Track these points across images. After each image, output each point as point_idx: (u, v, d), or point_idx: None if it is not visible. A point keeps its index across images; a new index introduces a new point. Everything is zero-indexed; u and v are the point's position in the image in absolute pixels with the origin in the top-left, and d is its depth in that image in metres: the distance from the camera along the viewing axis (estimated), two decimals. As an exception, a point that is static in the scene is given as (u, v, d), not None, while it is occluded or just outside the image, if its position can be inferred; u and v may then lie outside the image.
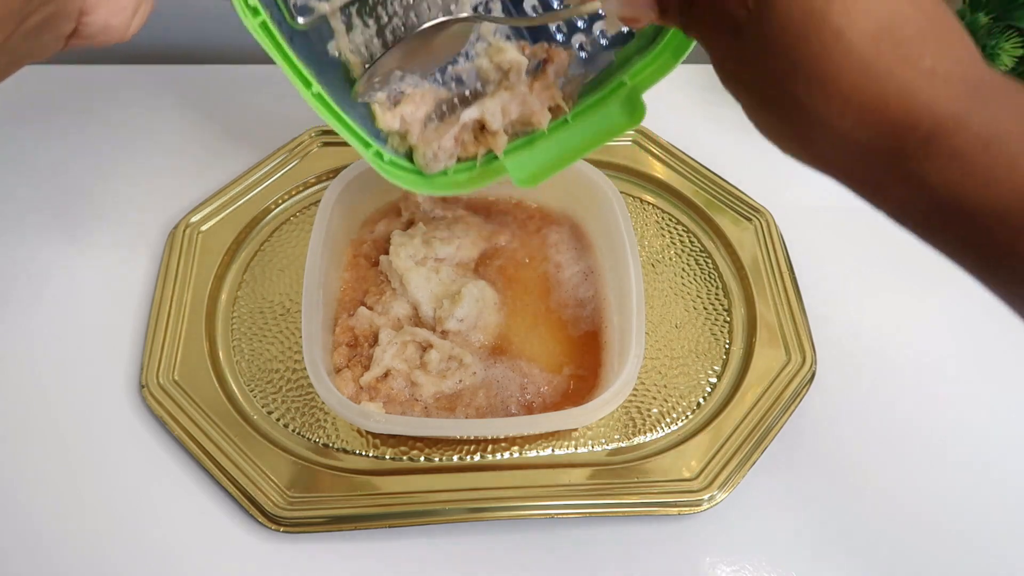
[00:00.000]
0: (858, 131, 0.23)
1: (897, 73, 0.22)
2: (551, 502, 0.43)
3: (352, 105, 0.39)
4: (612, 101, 0.42)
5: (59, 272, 0.52)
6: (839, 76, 0.23)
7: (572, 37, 0.41)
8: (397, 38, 0.37)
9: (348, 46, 0.37)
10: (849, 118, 0.23)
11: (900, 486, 0.46)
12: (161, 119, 0.60)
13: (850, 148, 0.24)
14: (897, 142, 0.22)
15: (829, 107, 0.23)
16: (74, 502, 0.43)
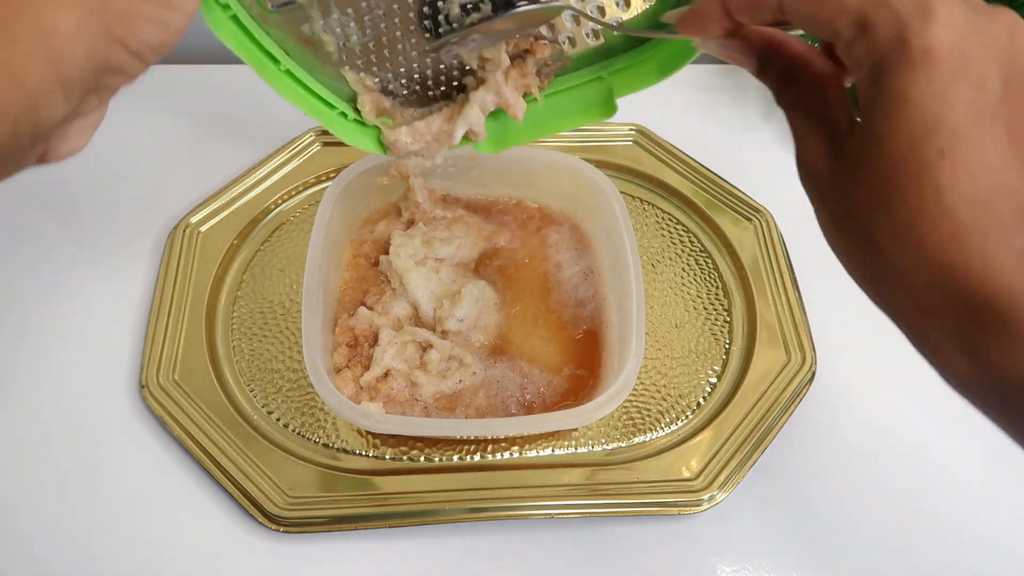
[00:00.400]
0: (931, 292, 0.22)
1: (986, 246, 0.21)
2: (551, 502, 0.43)
3: (321, 72, 0.39)
4: (586, 91, 0.42)
5: (59, 272, 0.52)
6: (927, 233, 0.22)
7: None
8: (375, 23, 0.37)
9: (322, 28, 0.37)
10: (925, 277, 0.22)
11: (900, 486, 0.46)
12: (161, 119, 0.60)
13: (918, 304, 0.23)
14: (968, 314, 0.22)
15: (907, 259, 0.23)
16: (74, 502, 0.43)
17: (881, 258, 0.23)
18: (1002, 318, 0.21)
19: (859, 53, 0.23)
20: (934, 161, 0.21)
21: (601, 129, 0.59)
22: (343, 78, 0.40)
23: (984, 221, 0.21)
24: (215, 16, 0.34)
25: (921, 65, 0.21)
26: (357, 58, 0.39)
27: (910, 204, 0.22)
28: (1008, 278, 0.21)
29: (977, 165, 0.21)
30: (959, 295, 0.22)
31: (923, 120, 0.21)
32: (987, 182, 0.21)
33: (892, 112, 0.22)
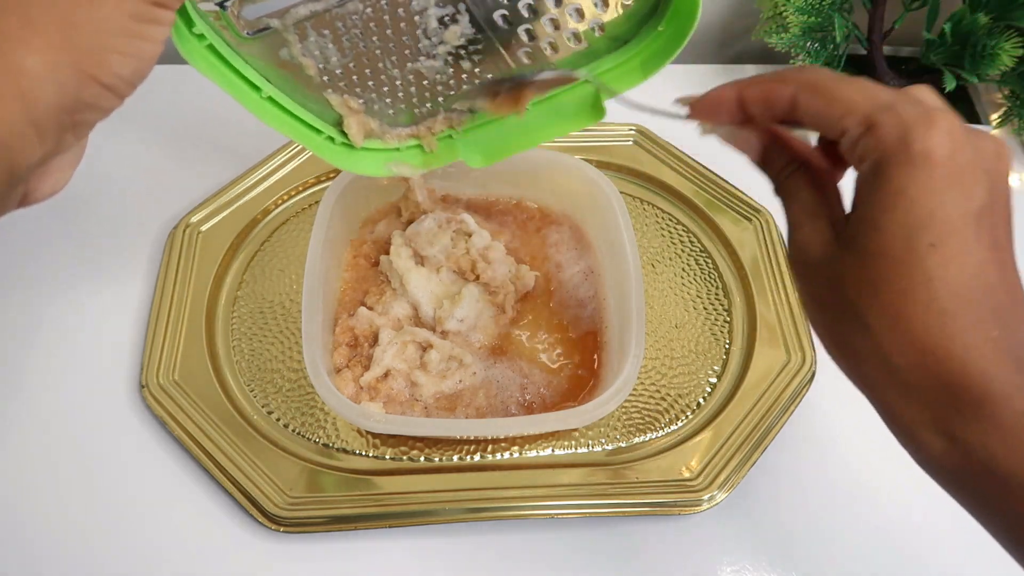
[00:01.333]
0: (913, 373, 0.24)
1: (967, 333, 0.24)
2: (551, 502, 0.43)
3: (303, 97, 0.39)
4: (573, 95, 0.41)
5: (59, 272, 0.52)
6: (914, 315, 0.24)
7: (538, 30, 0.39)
8: (354, 44, 0.37)
9: (301, 52, 0.36)
10: (908, 356, 0.24)
11: (900, 486, 0.46)
12: (161, 119, 0.60)
13: (899, 383, 0.25)
14: (947, 395, 0.24)
15: (893, 340, 0.24)
16: (74, 502, 0.43)
17: (867, 335, 0.25)
18: (978, 400, 0.23)
19: (863, 149, 0.25)
20: (925, 251, 0.24)
21: (601, 129, 0.59)
22: (327, 102, 0.39)
23: (966, 311, 0.24)
24: (190, 47, 0.33)
25: (921, 166, 0.24)
26: (339, 80, 0.38)
27: (901, 286, 0.24)
28: (984, 364, 0.23)
29: (964, 260, 0.24)
30: (939, 376, 0.24)
31: (918, 213, 0.24)
32: (971, 276, 0.24)
33: (891, 204, 0.24)
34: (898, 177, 0.24)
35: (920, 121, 0.24)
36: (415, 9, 0.35)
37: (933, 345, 0.24)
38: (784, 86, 0.27)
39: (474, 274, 0.48)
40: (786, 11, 0.56)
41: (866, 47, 0.61)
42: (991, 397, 0.23)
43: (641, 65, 0.39)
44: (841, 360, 0.28)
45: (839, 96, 0.26)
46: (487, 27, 0.37)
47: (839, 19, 0.56)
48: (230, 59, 0.35)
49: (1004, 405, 0.23)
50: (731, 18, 0.68)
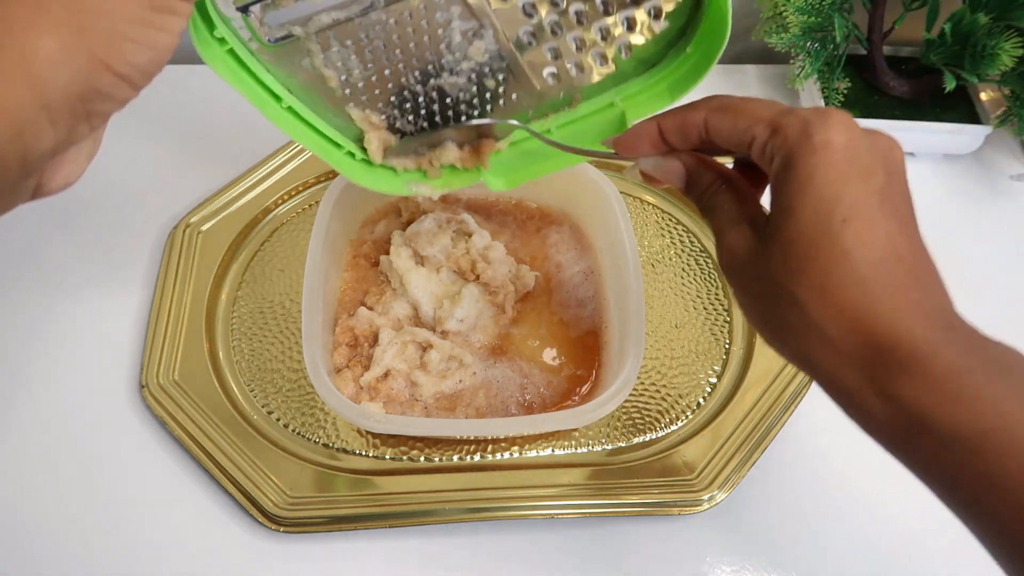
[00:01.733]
0: (846, 339, 0.26)
1: (889, 298, 0.25)
2: (551, 502, 0.43)
3: (324, 110, 0.38)
4: (599, 119, 0.41)
5: (59, 272, 0.52)
6: (840, 288, 0.26)
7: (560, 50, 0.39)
8: (377, 56, 0.36)
9: (323, 63, 0.36)
10: (840, 325, 0.26)
11: (900, 486, 0.46)
12: (161, 119, 0.60)
13: (834, 351, 0.26)
14: (879, 356, 0.25)
15: (823, 311, 0.26)
16: (74, 502, 0.43)
17: (800, 312, 0.27)
18: (908, 357, 0.25)
19: (771, 149, 0.28)
20: (839, 227, 0.26)
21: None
22: (348, 115, 0.39)
23: (884, 277, 0.26)
24: (211, 51, 0.33)
25: (822, 152, 0.26)
26: (361, 94, 0.38)
27: (823, 262, 0.26)
28: (909, 323, 0.25)
29: (874, 231, 0.26)
30: (870, 339, 0.25)
31: (827, 194, 0.26)
32: (883, 246, 0.26)
33: (801, 190, 0.26)
34: (804, 166, 0.26)
35: (818, 117, 0.27)
36: (439, 22, 0.35)
37: (861, 311, 0.26)
38: (696, 112, 0.30)
39: (474, 274, 0.48)
40: (786, 11, 0.56)
41: (866, 47, 0.61)
42: (919, 353, 0.25)
43: (669, 88, 0.38)
44: (780, 343, 0.29)
45: (745, 110, 0.29)
46: (513, 44, 0.37)
47: (839, 19, 0.56)
48: (251, 66, 0.35)
49: (932, 360, 0.25)
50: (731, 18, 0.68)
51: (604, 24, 0.36)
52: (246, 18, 0.33)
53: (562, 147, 0.38)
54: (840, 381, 0.27)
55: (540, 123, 0.42)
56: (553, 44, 0.37)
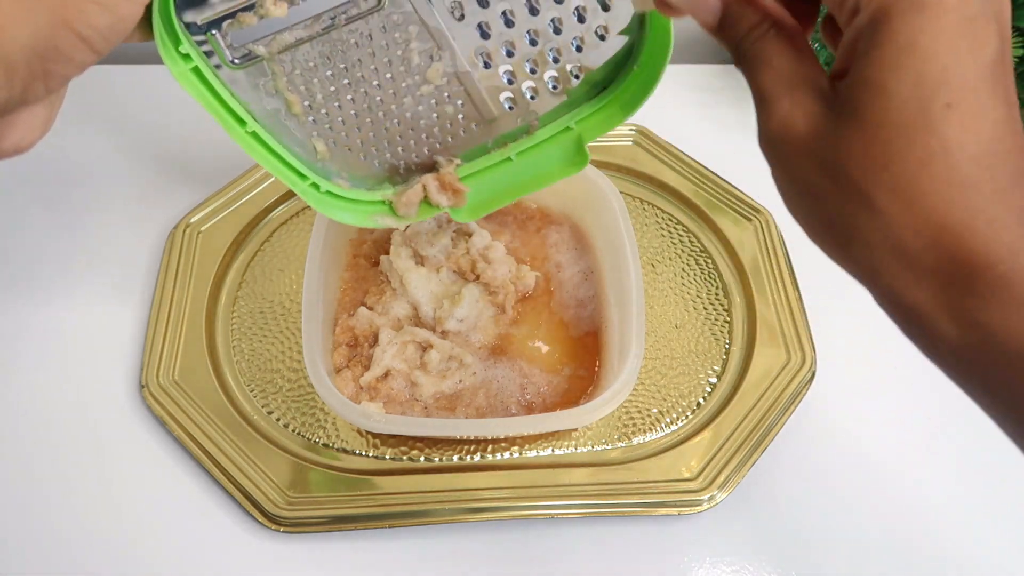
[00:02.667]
0: (927, 254, 0.22)
1: (990, 204, 0.21)
2: (551, 502, 0.43)
3: (289, 138, 0.38)
4: (556, 144, 0.42)
5: (59, 272, 0.52)
6: (932, 191, 0.21)
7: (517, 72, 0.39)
8: (338, 78, 0.36)
9: (287, 86, 0.36)
10: (923, 235, 0.21)
11: (900, 486, 0.46)
12: (161, 119, 0.60)
13: (909, 266, 0.22)
14: (966, 276, 0.21)
15: (907, 216, 0.21)
16: (74, 502, 0.43)
17: (875, 218, 0.22)
18: (1003, 279, 0.21)
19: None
20: (941, 113, 0.21)
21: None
22: (313, 146, 0.39)
23: (986, 179, 0.21)
24: (176, 67, 0.33)
25: (931, 14, 0.20)
26: (325, 123, 0.38)
27: (915, 157, 0.21)
28: (1010, 237, 0.21)
29: (983, 122, 0.21)
30: (957, 256, 0.21)
31: (933, 70, 0.21)
32: (990, 140, 0.21)
33: (900, 61, 0.21)
34: (906, 28, 0.21)
35: None
36: (398, 42, 0.35)
37: (953, 221, 0.21)
38: None
39: (474, 274, 0.48)
40: (786, 11, 0.56)
41: (866, 47, 0.61)
42: (1018, 272, 0.20)
43: (621, 107, 0.40)
44: (839, 251, 0.24)
45: None
46: (469, 65, 0.37)
47: (839, 19, 0.56)
48: (216, 86, 0.34)
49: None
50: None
51: (555, 45, 0.37)
52: (210, 36, 0.33)
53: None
54: (909, 302, 0.23)
55: (500, 152, 0.42)
56: (508, 67, 0.38)
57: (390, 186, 0.43)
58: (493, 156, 0.43)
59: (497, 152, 0.42)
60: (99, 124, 0.60)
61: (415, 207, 0.43)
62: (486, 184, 0.43)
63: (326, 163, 0.40)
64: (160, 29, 0.31)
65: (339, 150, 0.40)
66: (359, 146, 0.40)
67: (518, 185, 0.43)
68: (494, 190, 0.43)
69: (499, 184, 0.43)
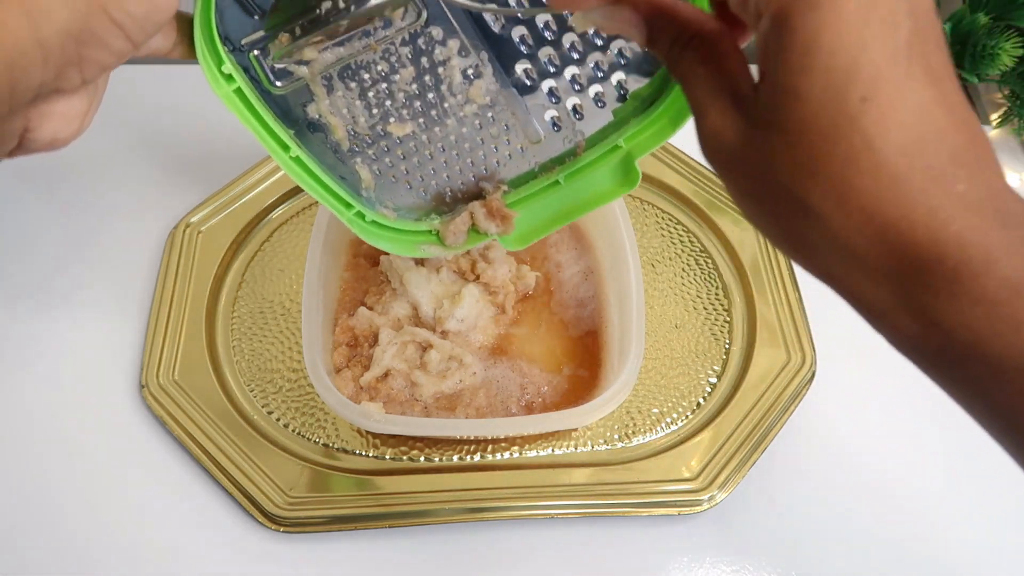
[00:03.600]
0: (873, 251, 0.21)
1: (927, 195, 0.20)
2: (551, 502, 0.43)
3: (333, 165, 0.38)
4: (605, 164, 0.40)
5: (59, 272, 0.52)
6: (863, 188, 0.20)
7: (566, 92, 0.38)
8: (381, 100, 0.36)
9: (329, 109, 0.36)
10: (866, 235, 0.21)
11: (900, 486, 0.46)
12: (161, 119, 0.60)
13: (859, 266, 0.21)
14: (914, 271, 0.20)
15: (845, 218, 0.21)
16: (74, 502, 0.43)
17: (814, 222, 0.21)
18: (953, 272, 0.20)
19: (757, 1, 0.22)
20: (858, 108, 0.20)
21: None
22: (356, 172, 0.39)
23: (920, 168, 0.20)
24: (220, 88, 0.33)
25: (830, 6, 0.20)
26: (368, 148, 0.38)
27: (840, 158, 0.20)
28: (955, 228, 0.20)
29: (903, 108, 0.20)
30: (903, 251, 0.20)
31: (840, 66, 0.20)
32: (916, 126, 0.20)
33: (805, 62, 0.20)
34: (807, 27, 0.20)
35: None
36: (438, 59, 0.35)
37: (892, 216, 0.20)
38: None
39: (474, 274, 0.48)
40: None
41: (866, 47, 0.61)
42: (969, 266, 0.20)
43: (671, 121, 0.38)
44: (793, 252, 0.24)
45: None
46: (512, 84, 0.37)
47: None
48: (259, 109, 0.34)
49: (985, 274, 0.19)
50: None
51: (599, 59, 0.36)
52: (252, 57, 0.33)
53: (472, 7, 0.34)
54: (869, 300, 0.22)
55: (547, 176, 0.41)
56: (551, 83, 0.37)
57: (436, 216, 0.43)
58: (540, 181, 0.42)
59: (544, 176, 0.42)
60: (99, 124, 0.60)
61: (463, 236, 0.42)
62: (535, 210, 0.42)
63: (371, 192, 0.40)
64: (203, 47, 0.31)
65: (384, 179, 0.40)
66: (404, 174, 0.40)
67: (568, 209, 0.42)
68: (544, 215, 0.42)
69: (548, 209, 0.42)
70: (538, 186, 0.42)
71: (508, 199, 0.42)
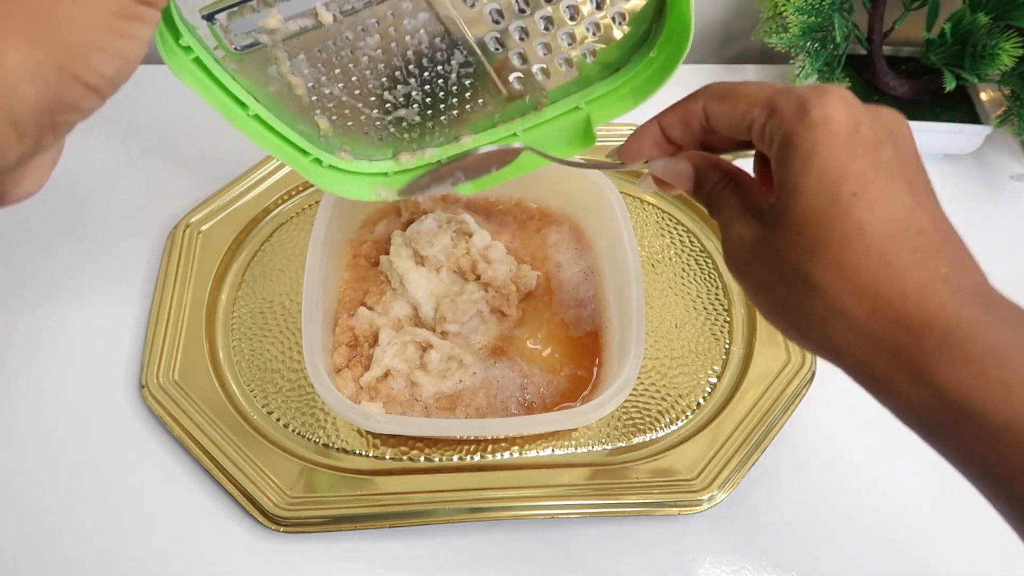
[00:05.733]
0: (872, 320, 0.24)
1: (915, 273, 0.23)
2: (551, 502, 0.43)
3: (292, 117, 0.38)
4: (564, 123, 0.41)
5: (59, 272, 0.52)
6: (858, 264, 0.24)
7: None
8: (344, 62, 0.36)
9: (290, 70, 0.35)
10: (865, 305, 0.24)
11: (899, 485, 0.46)
12: (161, 119, 0.60)
13: (861, 336, 0.24)
14: (911, 337, 0.23)
15: (843, 288, 0.24)
16: (74, 502, 0.43)
17: (819, 295, 0.25)
18: (943, 337, 0.23)
19: (770, 131, 0.27)
20: (849, 200, 0.24)
21: (601, 129, 0.59)
22: (315, 123, 0.38)
23: (907, 252, 0.24)
24: (177, 60, 0.32)
25: (822, 127, 0.25)
26: (328, 101, 0.38)
27: (837, 239, 0.24)
28: (941, 300, 0.23)
29: (887, 204, 0.24)
30: (899, 319, 0.23)
31: (833, 168, 0.25)
32: (899, 219, 0.24)
33: (805, 166, 0.25)
34: (804, 142, 0.25)
35: (815, 93, 0.26)
36: (407, 29, 0.35)
37: (885, 289, 0.24)
38: (694, 102, 0.30)
39: (474, 274, 0.48)
40: (786, 11, 0.56)
41: (866, 47, 0.61)
42: (956, 333, 0.23)
43: (632, 92, 0.39)
44: (799, 332, 0.27)
45: (741, 94, 0.28)
46: (480, 50, 0.37)
47: (839, 19, 0.56)
48: (217, 74, 0.34)
49: (972, 340, 0.22)
50: (731, 18, 0.68)
51: (570, 29, 0.36)
52: (212, 26, 0.33)
53: (571, 163, 0.39)
54: (869, 367, 0.25)
55: (506, 127, 0.42)
56: (520, 49, 0.37)
57: (392, 154, 0.42)
58: (499, 131, 0.42)
59: (504, 127, 0.42)
60: (99, 124, 0.60)
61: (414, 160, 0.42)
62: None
63: (329, 138, 0.40)
64: (161, 24, 0.31)
65: (342, 125, 0.39)
66: (362, 122, 0.40)
67: (522, 161, 0.42)
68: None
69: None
70: (497, 136, 0.42)
71: (467, 146, 0.42)
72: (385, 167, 0.43)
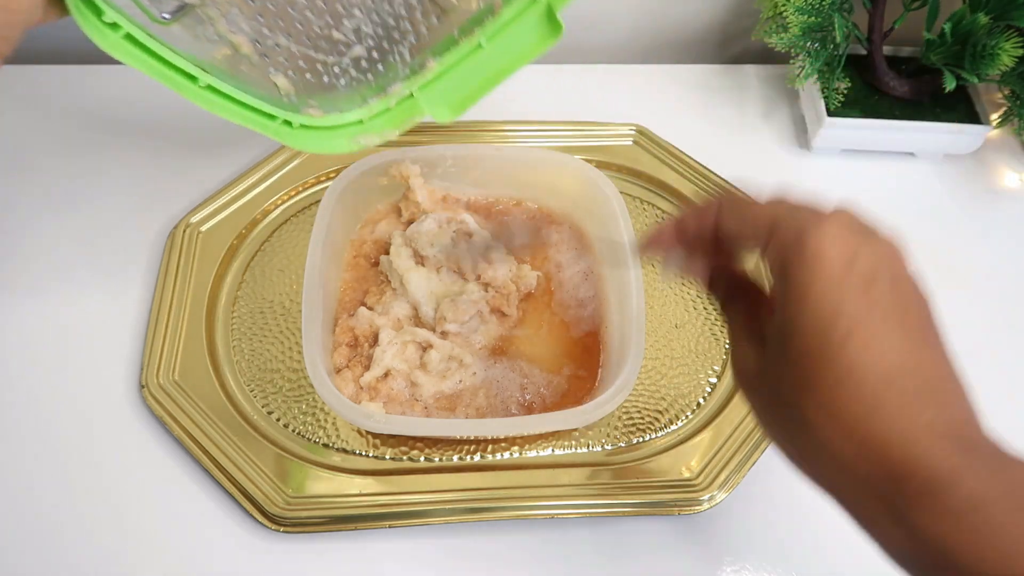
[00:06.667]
0: (858, 463, 0.24)
1: (899, 419, 0.24)
2: (551, 502, 0.43)
3: (248, 81, 0.37)
4: (526, 19, 0.39)
5: (59, 272, 0.52)
6: (846, 408, 0.24)
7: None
8: (283, 10, 0.34)
9: (228, 28, 0.34)
10: (851, 448, 0.24)
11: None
12: (161, 119, 0.60)
13: (849, 476, 0.25)
14: (894, 484, 0.24)
15: (833, 431, 0.25)
16: (74, 502, 0.43)
17: (811, 432, 0.25)
18: (924, 487, 0.23)
19: (771, 255, 0.27)
20: (840, 342, 0.24)
21: (601, 129, 0.59)
22: (273, 83, 0.37)
23: (892, 396, 0.24)
24: (106, 39, 0.31)
25: (814, 265, 0.25)
26: (279, 55, 0.36)
27: (828, 380, 0.24)
28: (921, 451, 0.23)
29: (878, 346, 0.24)
30: (883, 465, 0.24)
31: (825, 309, 0.25)
32: (889, 361, 0.24)
33: (799, 304, 0.25)
34: (798, 279, 0.25)
35: (812, 222, 0.25)
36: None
37: (870, 434, 0.24)
38: (707, 215, 0.30)
39: (475, 274, 0.48)
40: (786, 11, 0.56)
41: (866, 47, 0.61)
42: (936, 484, 0.23)
43: None
44: (798, 463, 0.28)
45: (748, 215, 0.28)
46: None
47: (839, 19, 0.56)
48: (156, 49, 0.33)
49: (951, 490, 0.23)
50: (731, 18, 0.68)
51: None
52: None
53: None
54: (858, 508, 0.25)
55: (468, 40, 0.40)
56: None
57: (362, 100, 0.41)
58: (463, 47, 0.41)
59: (466, 41, 0.40)
60: (99, 124, 0.60)
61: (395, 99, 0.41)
62: (464, 77, 0.41)
63: (292, 97, 0.39)
64: (78, 3, 0.29)
65: (301, 79, 0.38)
66: (320, 71, 0.38)
67: (496, 71, 0.41)
68: (474, 81, 0.41)
69: (476, 74, 0.41)
70: (462, 52, 0.41)
71: (434, 71, 0.41)
72: (359, 115, 0.41)
